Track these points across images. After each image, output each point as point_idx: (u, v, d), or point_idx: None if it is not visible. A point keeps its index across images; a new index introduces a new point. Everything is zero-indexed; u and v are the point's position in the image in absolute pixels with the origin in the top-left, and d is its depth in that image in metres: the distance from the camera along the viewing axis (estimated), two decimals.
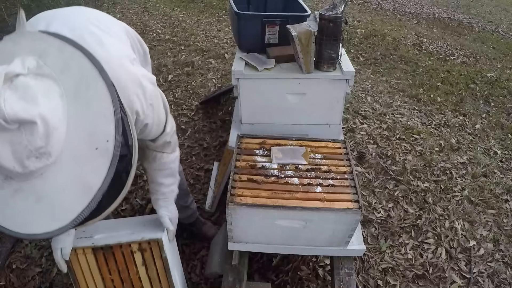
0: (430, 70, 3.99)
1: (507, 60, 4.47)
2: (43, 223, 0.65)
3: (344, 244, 1.48)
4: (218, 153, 2.56)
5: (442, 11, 6.30)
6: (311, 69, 1.68)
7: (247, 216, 1.37)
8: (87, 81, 0.68)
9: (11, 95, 0.58)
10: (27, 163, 0.61)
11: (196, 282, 1.80)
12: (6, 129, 0.57)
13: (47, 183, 0.65)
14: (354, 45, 4.47)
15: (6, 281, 1.78)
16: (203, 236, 1.93)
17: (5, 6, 2.25)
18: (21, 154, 0.60)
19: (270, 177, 1.45)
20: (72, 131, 0.65)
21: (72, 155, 0.65)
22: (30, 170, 0.62)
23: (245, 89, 1.74)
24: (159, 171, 1.28)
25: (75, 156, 0.66)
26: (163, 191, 1.31)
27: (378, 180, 2.43)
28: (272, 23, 1.81)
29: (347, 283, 1.49)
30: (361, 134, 2.83)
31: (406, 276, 1.86)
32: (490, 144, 2.88)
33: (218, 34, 4.50)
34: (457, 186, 2.42)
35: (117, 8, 5.24)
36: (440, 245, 2.02)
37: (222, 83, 3.44)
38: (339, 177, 1.47)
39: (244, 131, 1.83)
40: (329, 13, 1.62)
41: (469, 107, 3.34)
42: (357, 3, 6.27)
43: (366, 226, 2.11)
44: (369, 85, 3.57)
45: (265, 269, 1.85)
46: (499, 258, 1.99)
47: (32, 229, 0.65)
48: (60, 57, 0.68)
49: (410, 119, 3.08)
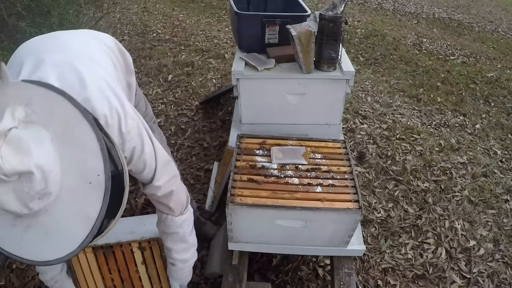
0: (430, 70, 3.99)
1: (507, 60, 4.47)
2: (55, 251, 0.76)
3: (344, 244, 1.48)
4: (218, 153, 2.56)
5: (442, 11, 6.30)
6: (311, 69, 1.68)
7: (247, 216, 1.37)
8: (72, 123, 0.76)
9: (7, 150, 0.65)
10: (32, 205, 0.69)
11: (196, 282, 1.80)
12: (8, 181, 0.66)
13: (52, 218, 0.73)
14: (354, 45, 4.47)
15: (6, 281, 1.78)
16: (203, 236, 1.93)
17: (5, 6, 2.25)
18: (24, 199, 0.68)
19: (270, 177, 1.45)
20: (66, 170, 0.74)
21: (70, 191, 0.74)
22: (35, 210, 0.70)
23: (245, 89, 1.74)
24: (166, 234, 1.21)
25: (72, 191, 0.74)
26: (174, 257, 1.25)
27: (378, 180, 2.43)
28: (272, 23, 1.81)
29: (347, 283, 1.49)
30: (361, 134, 2.83)
31: (406, 276, 1.86)
32: (490, 144, 2.88)
33: (218, 34, 4.50)
34: (457, 186, 2.42)
35: (117, 8, 5.24)
36: (440, 245, 2.02)
37: (222, 83, 3.44)
38: (339, 177, 1.47)
39: (244, 131, 1.83)
40: (329, 13, 1.62)
41: (469, 107, 3.34)
42: (357, 3, 6.27)
43: (366, 226, 2.11)
44: (369, 85, 3.57)
45: (265, 269, 1.85)
46: (499, 258, 1.99)
47: (47, 257, 0.76)
48: (44, 103, 0.75)
49: (410, 119, 3.08)
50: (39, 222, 0.73)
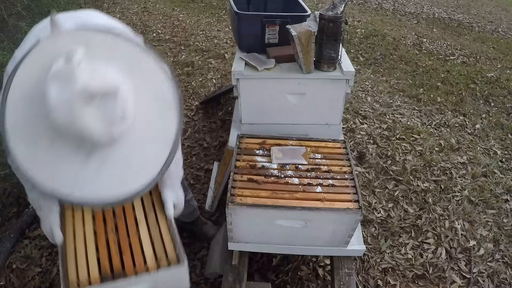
0: (430, 70, 3.99)
1: (507, 60, 4.47)
2: (139, 178, 0.77)
3: (344, 244, 1.48)
4: (218, 153, 2.56)
5: (442, 11, 6.30)
6: (311, 69, 1.68)
7: (247, 216, 1.37)
8: (136, 56, 0.79)
9: (85, 73, 0.67)
10: (112, 129, 0.70)
11: (196, 282, 1.80)
12: (91, 103, 0.67)
13: (130, 143, 0.75)
14: (354, 45, 4.47)
15: (6, 281, 1.78)
16: (203, 236, 1.93)
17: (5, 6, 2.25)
18: (107, 122, 0.69)
19: (270, 177, 1.45)
20: (139, 93, 0.76)
21: (144, 113, 0.77)
22: (115, 136, 0.72)
23: (245, 89, 1.74)
24: None
25: (147, 113, 0.77)
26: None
27: (378, 180, 2.43)
28: (272, 23, 1.81)
29: (347, 283, 1.49)
30: (361, 134, 2.83)
31: (406, 276, 1.86)
32: (490, 144, 2.88)
33: (218, 34, 4.50)
34: (457, 186, 2.42)
35: (117, 8, 5.24)
36: (440, 245, 2.02)
37: (222, 83, 3.44)
38: (339, 177, 1.47)
39: (244, 131, 1.83)
40: (329, 13, 1.62)
41: (469, 107, 3.34)
42: (357, 3, 6.27)
43: (366, 226, 2.11)
44: (369, 85, 3.57)
45: (265, 269, 1.85)
46: (499, 258, 1.99)
47: (131, 187, 0.76)
48: (105, 43, 0.77)
49: (410, 119, 3.08)
50: (117, 152, 0.74)
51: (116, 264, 1.05)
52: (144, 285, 1.04)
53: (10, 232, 1.93)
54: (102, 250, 1.08)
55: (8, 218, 2.06)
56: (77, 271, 1.03)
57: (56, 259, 1.87)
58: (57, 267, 1.83)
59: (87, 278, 1.02)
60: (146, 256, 1.07)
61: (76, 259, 1.06)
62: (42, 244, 1.94)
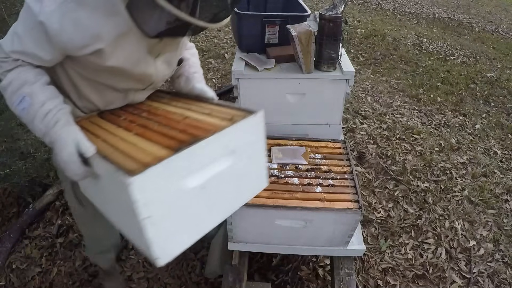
0: (430, 70, 3.99)
1: (507, 60, 4.48)
2: None
3: (344, 244, 1.48)
4: None
5: (442, 11, 6.30)
6: (311, 69, 1.68)
7: (247, 216, 1.37)
8: None
9: None
10: None
11: (196, 282, 1.80)
12: None
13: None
14: (354, 45, 4.47)
15: (6, 281, 1.78)
16: (203, 236, 1.92)
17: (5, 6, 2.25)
18: None
19: (270, 177, 1.45)
20: None
21: None
22: None
23: (245, 89, 1.74)
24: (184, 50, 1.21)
25: None
26: (190, 64, 1.22)
27: (378, 180, 2.43)
28: (272, 23, 1.81)
29: (347, 283, 1.49)
30: (361, 134, 2.83)
31: (406, 276, 1.86)
32: (490, 144, 2.88)
33: (218, 34, 4.50)
34: (457, 186, 2.42)
35: None
36: (440, 245, 2.02)
37: (222, 83, 3.44)
38: (339, 177, 1.47)
39: None
40: (329, 13, 1.62)
41: (469, 107, 3.34)
42: (357, 3, 6.28)
43: (366, 226, 2.11)
44: (369, 85, 3.57)
45: (265, 269, 1.85)
46: (499, 258, 1.99)
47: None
48: None
49: (410, 119, 3.08)
50: None
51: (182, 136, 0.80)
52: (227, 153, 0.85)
53: (10, 232, 1.93)
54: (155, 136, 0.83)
55: (8, 218, 2.06)
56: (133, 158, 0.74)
57: (56, 258, 1.87)
58: (57, 267, 1.83)
59: (153, 156, 0.73)
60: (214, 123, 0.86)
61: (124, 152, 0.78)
62: (42, 244, 1.94)
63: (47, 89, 0.91)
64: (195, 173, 0.78)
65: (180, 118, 0.92)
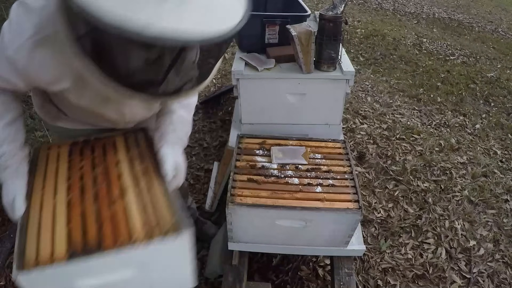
0: (430, 70, 3.99)
1: (507, 60, 4.48)
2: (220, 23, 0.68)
3: (344, 244, 1.48)
4: (218, 153, 2.56)
5: (442, 11, 6.30)
6: (311, 69, 1.68)
7: (247, 216, 1.37)
8: None
9: None
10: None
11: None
12: None
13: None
14: (354, 45, 4.47)
15: (6, 281, 1.78)
16: (204, 236, 1.93)
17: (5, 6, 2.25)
18: None
19: (270, 177, 1.45)
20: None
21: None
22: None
23: (245, 89, 1.74)
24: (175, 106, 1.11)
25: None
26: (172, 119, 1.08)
27: (378, 180, 2.43)
28: (272, 23, 1.81)
29: (347, 283, 1.49)
30: (361, 134, 2.83)
31: (406, 276, 1.86)
32: (490, 144, 2.88)
33: None
34: (457, 186, 2.42)
35: None
36: (440, 245, 2.02)
37: (222, 83, 3.44)
38: (339, 177, 1.47)
39: (244, 131, 1.82)
40: (329, 13, 1.62)
41: (469, 107, 3.34)
42: (357, 3, 6.28)
43: (366, 226, 2.11)
44: (369, 85, 3.57)
45: (265, 269, 1.85)
46: (499, 258, 1.99)
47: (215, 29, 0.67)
48: None
49: (410, 119, 3.08)
50: None
51: (92, 235, 0.81)
52: (132, 266, 0.83)
53: (10, 232, 1.93)
54: (75, 222, 0.84)
55: (8, 218, 2.06)
56: (38, 246, 0.79)
57: None
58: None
59: (50, 255, 0.77)
60: (133, 225, 0.83)
61: (39, 232, 0.82)
62: None
63: (9, 130, 0.93)
64: (90, 277, 0.81)
65: (116, 197, 0.91)
